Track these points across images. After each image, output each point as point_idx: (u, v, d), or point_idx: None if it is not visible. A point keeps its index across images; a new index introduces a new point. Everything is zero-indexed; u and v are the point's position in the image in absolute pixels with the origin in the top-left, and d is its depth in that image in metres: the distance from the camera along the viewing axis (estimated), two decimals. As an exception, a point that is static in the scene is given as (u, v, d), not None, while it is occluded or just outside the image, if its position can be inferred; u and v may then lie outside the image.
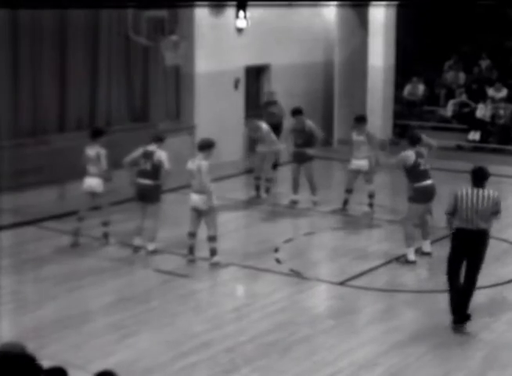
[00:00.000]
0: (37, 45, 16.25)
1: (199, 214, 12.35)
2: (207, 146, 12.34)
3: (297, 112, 16.07)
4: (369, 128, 16.12)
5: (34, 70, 16.26)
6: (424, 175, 12.58)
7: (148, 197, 12.88)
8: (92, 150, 13.19)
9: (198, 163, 12.20)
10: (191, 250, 12.49)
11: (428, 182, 12.62)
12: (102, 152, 13.14)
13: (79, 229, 13.44)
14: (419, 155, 12.58)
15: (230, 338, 9.73)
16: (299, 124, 15.91)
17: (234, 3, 19.70)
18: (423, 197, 12.65)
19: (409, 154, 12.56)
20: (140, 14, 17.03)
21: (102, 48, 17.50)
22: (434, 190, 12.75)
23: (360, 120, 15.67)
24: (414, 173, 12.55)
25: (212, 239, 12.34)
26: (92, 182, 13.29)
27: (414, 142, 12.94)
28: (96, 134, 13.38)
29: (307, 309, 10.87)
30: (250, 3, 19.67)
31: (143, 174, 12.85)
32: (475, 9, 23.98)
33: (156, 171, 12.76)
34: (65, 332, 9.84)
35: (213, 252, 12.37)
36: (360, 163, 15.25)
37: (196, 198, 12.25)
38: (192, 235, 12.48)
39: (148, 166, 12.80)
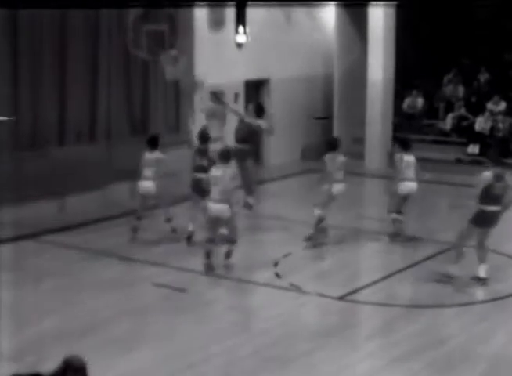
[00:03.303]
0: (36, 58, 16.28)
1: (218, 221, 12.64)
2: (228, 156, 12.74)
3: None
4: (367, 141, 16.18)
5: (33, 83, 16.28)
6: (495, 199, 12.01)
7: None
8: (152, 155, 14.24)
9: (223, 170, 12.49)
10: (208, 255, 12.72)
11: (494, 208, 12.05)
12: (162, 157, 14.33)
13: (137, 227, 14.37)
14: (498, 178, 11.97)
15: (230, 352, 9.72)
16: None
17: (233, 19, 19.83)
18: (484, 221, 12.21)
19: (487, 175, 12.01)
20: (140, 28, 17.09)
21: (102, 62, 17.52)
22: (497, 217, 12.20)
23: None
24: (485, 195, 12.03)
25: (232, 242, 12.71)
26: (147, 185, 14.23)
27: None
28: (155, 142, 14.48)
29: (306, 324, 10.88)
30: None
31: (199, 169, 13.94)
32: (474, 22, 24.10)
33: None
34: (65, 346, 9.80)
35: (228, 254, 12.75)
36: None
37: (217, 207, 12.42)
38: (212, 241, 12.79)
39: (204, 162, 13.89)
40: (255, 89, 21.68)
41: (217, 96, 16.86)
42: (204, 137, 14.52)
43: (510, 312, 11.27)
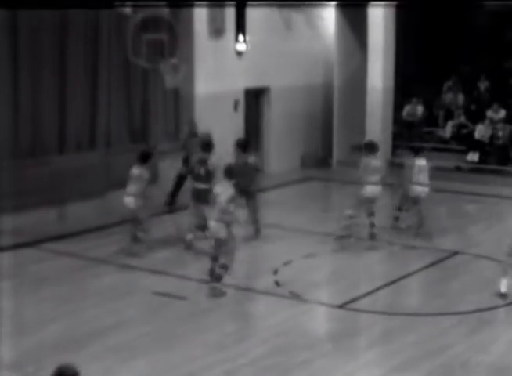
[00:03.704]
0: (36, 66, 16.32)
1: (219, 242, 12.14)
2: (232, 174, 12.27)
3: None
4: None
5: (33, 91, 16.33)
6: None
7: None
8: (137, 170, 13.91)
9: (224, 188, 12.10)
10: (211, 274, 12.29)
11: None
12: (145, 174, 13.92)
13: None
14: None
15: (229, 361, 9.72)
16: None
17: (233, 27, 19.88)
18: None
19: None
20: (140, 36, 17.13)
21: (102, 70, 17.57)
22: None
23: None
24: None
25: (223, 267, 12.15)
26: (128, 200, 13.92)
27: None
28: (144, 157, 14.13)
29: (306, 332, 10.87)
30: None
31: (199, 178, 14.14)
32: (474, 31, 24.13)
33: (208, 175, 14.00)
34: (65, 355, 9.80)
35: (218, 278, 12.17)
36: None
37: (214, 226, 12.06)
38: (215, 259, 12.31)
39: (202, 172, 14.08)
40: (255, 97, 21.72)
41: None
42: (207, 145, 14.42)
43: (508, 321, 11.26)
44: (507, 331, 10.86)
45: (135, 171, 13.96)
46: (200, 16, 19.43)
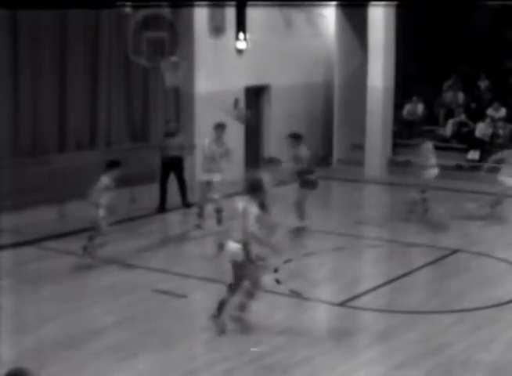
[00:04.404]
0: (36, 66, 16.32)
1: (238, 266, 10.38)
2: (257, 189, 10.41)
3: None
4: (367, 147, 16.23)
5: (34, 90, 16.33)
6: None
7: None
8: (103, 180, 13.21)
9: (247, 204, 10.23)
10: (220, 308, 10.48)
11: None
12: (108, 184, 13.20)
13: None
14: None
15: (230, 359, 9.71)
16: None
17: (234, 25, 19.86)
18: None
19: None
20: (140, 35, 17.12)
21: (102, 68, 17.60)
22: None
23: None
24: None
25: (249, 295, 10.46)
26: (91, 213, 13.23)
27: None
28: (109, 165, 13.41)
29: (306, 330, 10.85)
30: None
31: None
32: (474, 30, 24.12)
33: None
34: (65, 353, 9.83)
35: (242, 307, 10.49)
36: None
37: (232, 247, 10.30)
38: (232, 290, 10.51)
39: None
40: (255, 96, 21.71)
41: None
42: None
43: (509, 319, 11.25)
44: (508, 330, 10.84)
45: (102, 180, 13.24)
46: (201, 14, 19.44)
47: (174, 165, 17.14)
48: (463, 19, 24.02)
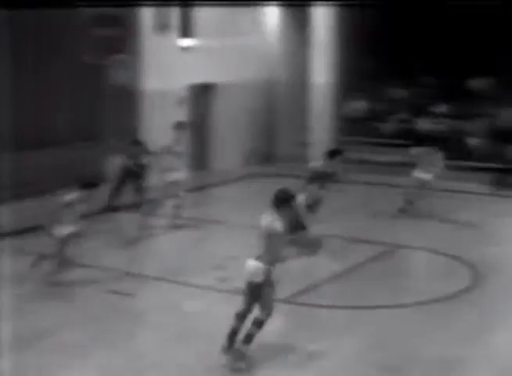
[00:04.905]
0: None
1: (254, 288, 9.43)
2: (284, 202, 9.38)
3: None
4: (312, 144, 16.32)
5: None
6: None
7: None
8: (71, 196, 12.51)
9: (270, 221, 9.22)
10: (232, 338, 9.49)
11: None
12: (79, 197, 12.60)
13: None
14: None
15: (174, 359, 9.74)
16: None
17: (179, 23, 19.89)
18: None
19: None
20: (89, 33, 17.06)
21: (50, 67, 17.46)
22: None
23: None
24: None
25: (258, 323, 9.37)
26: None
27: None
28: (89, 186, 12.71)
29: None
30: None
31: None
32: (419, 27, 24.36)
33: None
34: (14, 354, 9.79)
35: (247, 339, 9.40)
36: None
37: (252, 266, 9.39)
38: (241, 317, 9.55)
39: None
40: (201, 94, 21.76)
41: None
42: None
43: (455, 312, 11.43)
44: (454, 322, 10.98)
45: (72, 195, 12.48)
46: (148, 12, 19.44)
47: (137, 173, 16.94)
48: (407, 16, 24.24)
